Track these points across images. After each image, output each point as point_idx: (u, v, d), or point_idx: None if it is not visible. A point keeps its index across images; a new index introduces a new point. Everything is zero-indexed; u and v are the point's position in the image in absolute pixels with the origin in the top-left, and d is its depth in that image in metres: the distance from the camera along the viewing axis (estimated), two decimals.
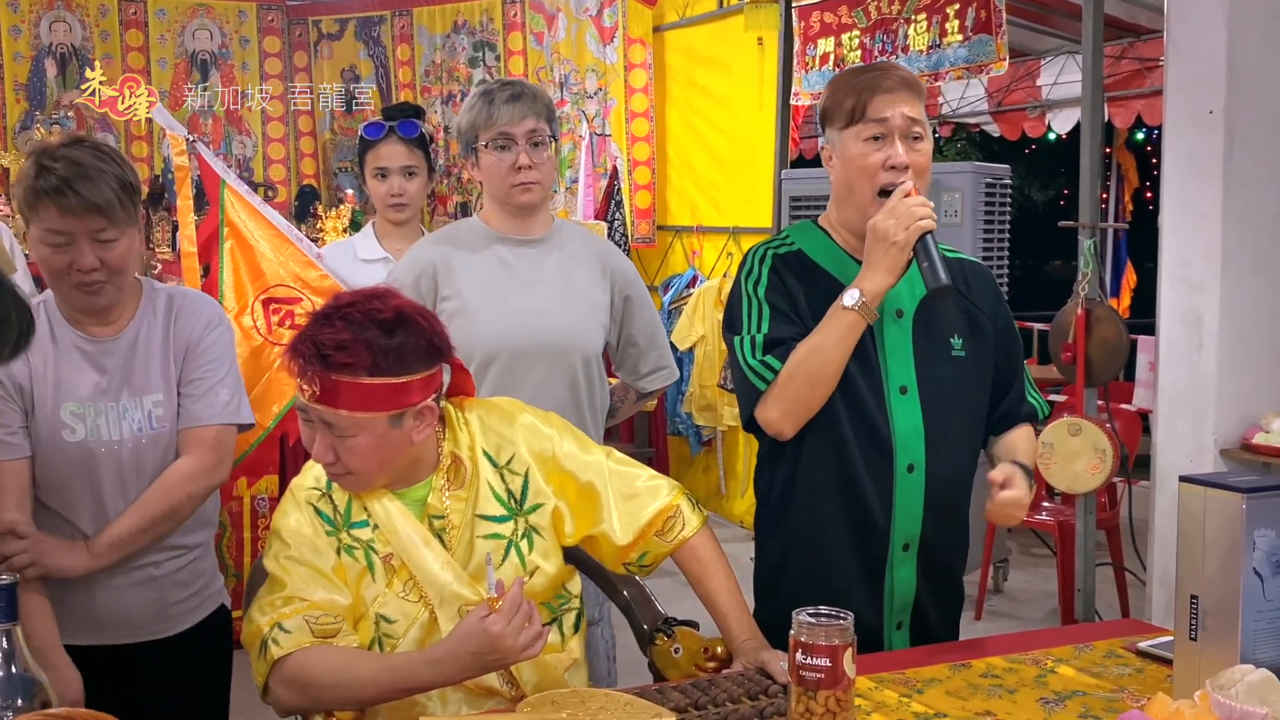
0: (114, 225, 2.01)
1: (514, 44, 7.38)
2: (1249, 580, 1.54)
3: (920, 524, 2.07)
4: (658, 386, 2.73)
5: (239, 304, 3.08)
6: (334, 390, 1.72)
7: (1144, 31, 6.26)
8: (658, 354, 2.69)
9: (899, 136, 2.00)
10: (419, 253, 2.62)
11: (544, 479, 1.91)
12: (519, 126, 2.45)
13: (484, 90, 2.52)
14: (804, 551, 2.10)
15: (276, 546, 1.84)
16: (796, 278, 2.07)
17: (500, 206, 2.55)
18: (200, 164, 3.32)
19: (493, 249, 2.53)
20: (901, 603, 2.11)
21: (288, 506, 1.87)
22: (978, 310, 2.15)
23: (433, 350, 1.80)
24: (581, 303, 2.54)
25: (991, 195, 5.05)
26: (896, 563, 2.08)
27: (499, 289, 2.50)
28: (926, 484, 2.06)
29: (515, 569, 1.86)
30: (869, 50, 5.24)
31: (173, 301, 2.20)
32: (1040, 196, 13.14)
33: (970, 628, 4.71)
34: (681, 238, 6.64)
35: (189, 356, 2.18)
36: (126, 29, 7.61)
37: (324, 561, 1.82)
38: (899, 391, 2.04)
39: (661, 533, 1.94)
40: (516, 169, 2.46)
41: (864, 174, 2.01)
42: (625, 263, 2.67)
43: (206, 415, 2.17)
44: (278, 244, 3.17)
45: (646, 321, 2.66)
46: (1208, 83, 3.70)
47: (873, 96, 2.00)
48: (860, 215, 2.03)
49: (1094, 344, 4.26)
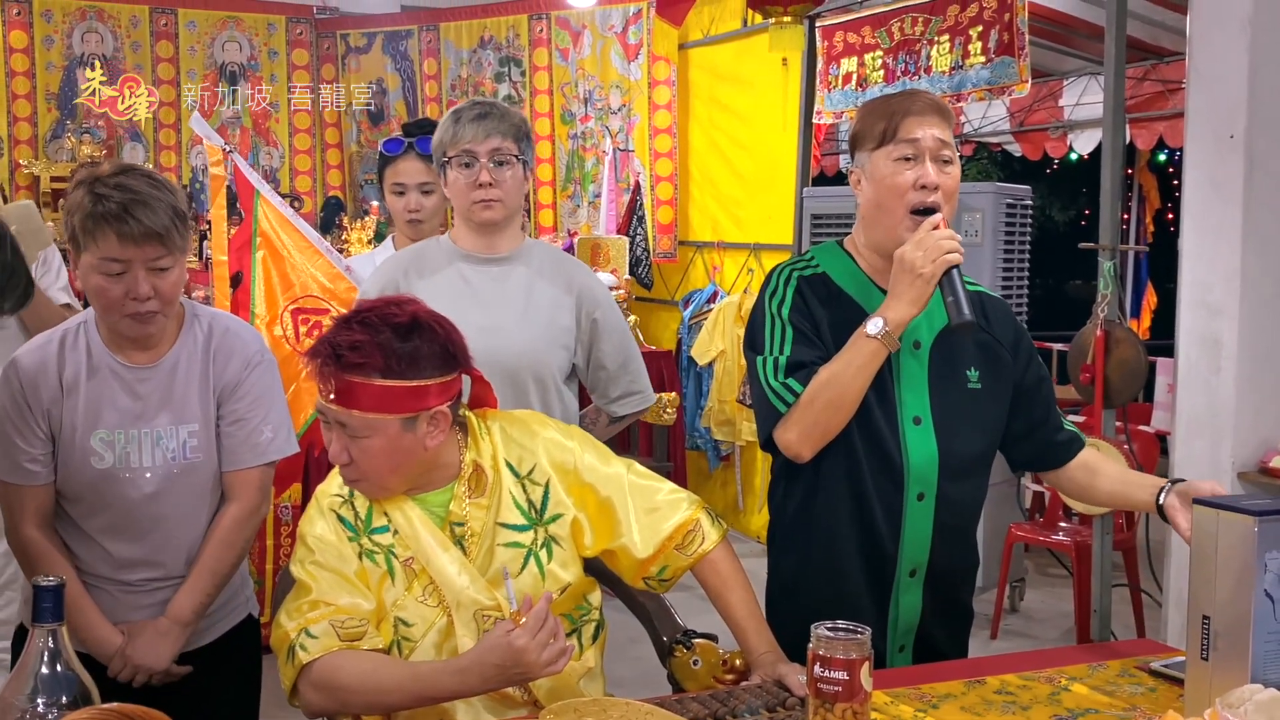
0: (170, 253, 2.03)
1: (539, 60, 7.45)
2: (1260, 602, 1.57)
3: (928, 551, 2.09)
4: (629, 411, 2.71)
5: (270, 313, 3.13)
6: (348, 390, 1.77)
7: (1167, 54, 6.27)
8: (630, 379, 2.67)
9: (929, 158, 2.02)
10: (385, 269, 2.67)
11: (565, 490, 1.95)
12: (482, 145, 2.49)
13: (455, 110, 2.58)
14: (816, 569, 2.13)
15: (302, 552, 1.88)
16: (820, 301, 2.09)
17: (465, 224, 2.58)
18: (236, 175, 3.37)
19: (455, 266, 2.57)
20: (905, 626, 2.13)
21: (313, 513, 1.92)
22: (996, 343, 2.16)
23: (448, 357, 1.84)
24: (541, 322, 2.54)
25: (1012, 216, 5.08)
26: (903, 588, 2.10)
27: (456, 305, 2.46)
28: (936, 512, 2.08)
29: (534, 578, 1.90)
30: (892, 71, 5.27)
31: (213, 333, 2.20)
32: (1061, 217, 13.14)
33: (985, 646, 4.73)
34: (703, 253, 6.68)
35: (230, 397, 2.19)
36: (157, 40, 7.70)
37: (348, 566, 1.86)
38: (913, 422, 2.06)
39: (681, 546, 1.97)
40: (477, 185, 2.50)
41: (894, 193, 2.03)
42: (596, 284, 2.67)
43: (251, 457, 2.20)
44: (308, 255, 3.22)
45: (617, 345, 2.64)
46: (1229, 107, 3.71)
47: (904, 118, 2.03)
48: (889, 236, 2.05)
49: (1112, 365, 4.27)
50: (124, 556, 2.15)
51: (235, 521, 2.20)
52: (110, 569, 2.16)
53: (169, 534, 2.17)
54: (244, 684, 2.32)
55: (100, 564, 2.16)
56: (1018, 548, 4.99)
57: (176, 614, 2.15)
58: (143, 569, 2.17)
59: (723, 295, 6.32)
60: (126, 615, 2.16)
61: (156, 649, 2.11)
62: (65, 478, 2.12)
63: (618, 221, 6.68)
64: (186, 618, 2.15)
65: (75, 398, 2.11)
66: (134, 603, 2.17)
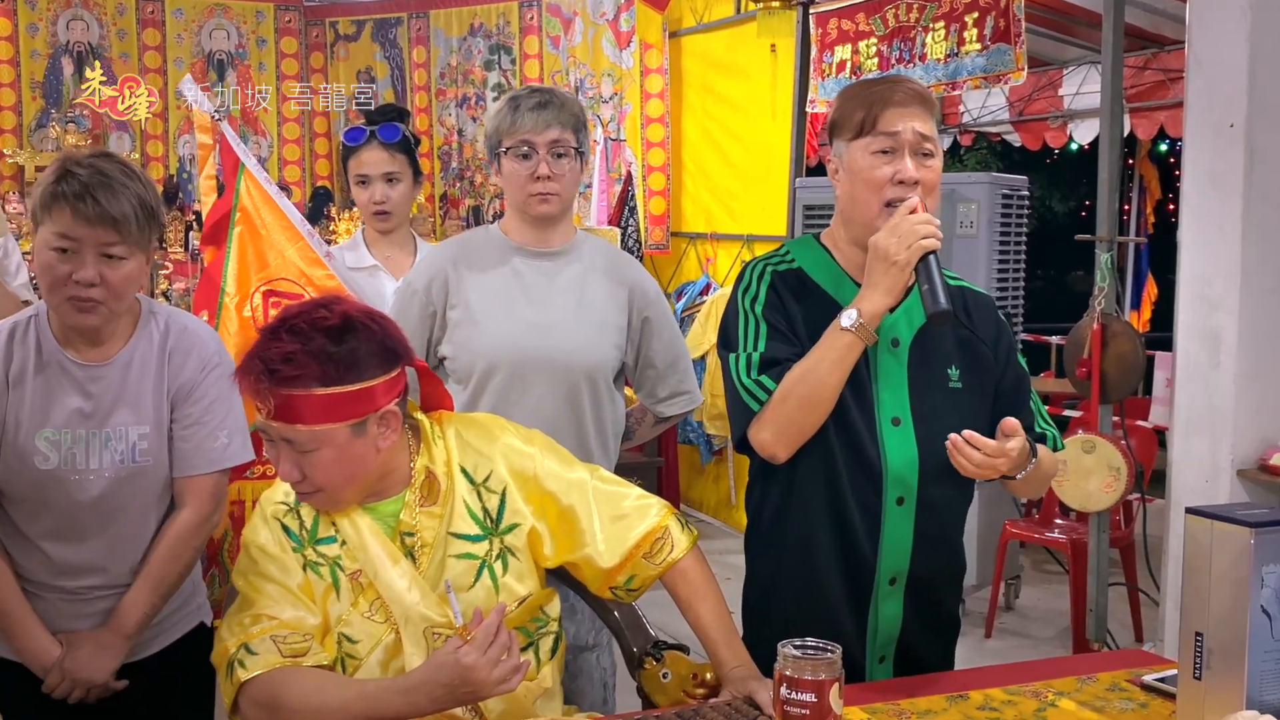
0: (124, 242, 1.94)
1: (530, 48, 7.35)
2: (1256, 618, 1.48)
3: (909, 558, 2.00)
4: (677, 412, 2.63)
5: (240, 292, 2.98)
6: (288, 406, 1.67)
7: (1168, 42, 6.17)
8: (678, 378, 2.59)
9: (909, 152, 1.93)
10: (434, 257, 2.56)
11: (523, 499, 1.85)
12: (542, 135, 2.38)
13: (512, 96, 2.46)
14: (794, 576, 2.04)
15: (245, 562, 1.79)
16: (795, 297, 2.00)
17: (519, 216, 2.48)
18: (222, 144, 3.21)
19: (507, 260, 2.47)
20: (885, 637, 2.04)
21: (256, 521, 1.82)
22: (978, 340, 2.07)
23: (387, 353, 1.74)
24: (593, 320, 2.46)
25: (1008, 206, 4.97)
26: (882, 596, 2.01)
27: (507, 300, 2.43)
28: (917, 517, 1.99)
29: (487, 591, 1.80)
30: (886, 58, 5.18)
31: (169, 332, 2.10)
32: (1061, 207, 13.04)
33: (980, 645, 4.65)
34: (696, 245, 6.59)
35: (185, 399, 2.09)
36: (144, 28, 7.61)
37: (292, 579, 1.77)
38: (891, 423, 1.97)
39: (650, 555, 1.88)
40: (535, 179, 2.39)
41: (870, 187, 1.95)
42: (648, 281, 2.58)
43: (204, 463, 2.11)
44: (288, 236, 3.05)
45: (667, 344, 2.56)
46: (1229, 96, 3.63)
47: (884, 109, 1.94)
48: (865, 230, 1.97)
49: (1110, 360, 4.19)
50: (66, 562, 2.06)
51: (185, 530, 2.10)
52: (51, 575, 2.06)
53: (115, 540, 2.08)
54: (195, 696, 2.23)
55: (40, 570, 2.06)
56: (1012, 545, 4.90)
57: (119, 625, 2.05)
58: (86, 576, 2.07)
59: (716, 287, 6.23)
60: (68, 625, 2.06)
61: (97, 662, 2.02)
62: (7, 478, 2.03)
63: (609, 212, 6.58)
64: (130, 630, 2.06)
65: (21, 393, 2.01)
66: (76, 611, 2.07)
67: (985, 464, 1.83)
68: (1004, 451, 1.83)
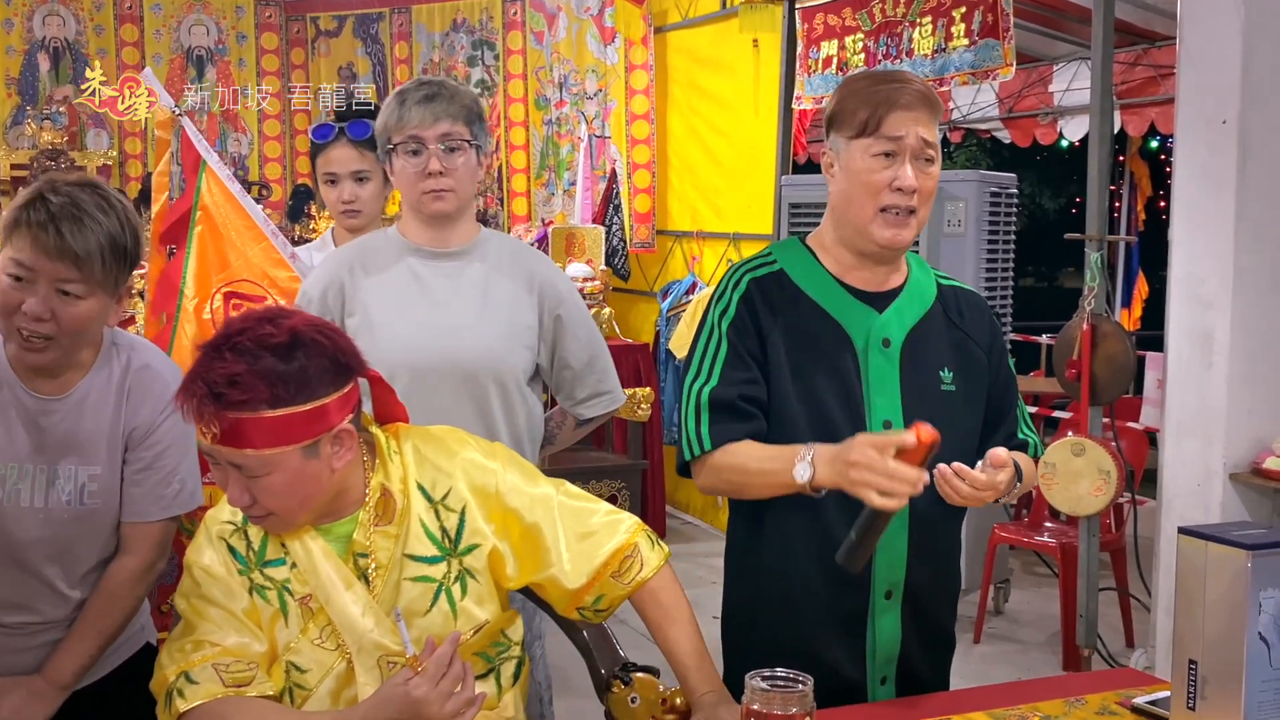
0: (85, 281, 1.81)
1: (513, 43, 7.25)
2: (1253, 646, 1.39)
3: (904, 569, 1.92)
4: (598, 413, 2.53)
5: (200, 295, 2.87)
6: (235, 430, 1.56)
7: (1158, 38, 6.10)
8: (597, 378, 2.49)
9: (910, 157, 1.86)
10: (329, 263, 2.45)
11: (484, 517, 1.76)
12: (431, 129, 2.28)
13: (399, 90, 2.36)
14: (775, 598, 1.95)
15: (188, 585, 1.70)
16: (772, 306, 1.92)
17: (414, 215, 2.38)
18: (183, 139, 3.08)
19: (404, 261, 2.36)
20: (885, 656, 1.95)
21: (201, 541, 1.72)
22: (970, 341, 2.00)
23: (339, 368, 1.64)
24: (500, 321, 2.35)
25: (996, 205, 4.89)
26: (879, 611, 1.92)
27: (405, 304, 2.32)
28: (911, 525, 1.90)
29: (444, 616, 1.71)
30: (873, 54, 5.09)
31: (129, 368, 1.99)
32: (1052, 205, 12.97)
33: (969, 651, 4.56)
34: (681, 243, 6.50)
35: (139, 443, 1.98)
36: (121, 24, 7.49)
37: (237, 603, 1.68)
38: (883, 427, 1.89)
39: (618, 574, 1.79)
40: (426, 175, 2.29)
41: (867, 190, 1.87)
42: (558, 277, 2.49)
43: (155, 510, 1.99)
44: (250, 236, 2.93)
45: (583, 343, 2.46)
46: (1221, 92, 3.55)
47: (889, 111, 1.85)
48: (857, 232, 1.90)
49: (1099, 361, 4.11)
50: (5, 599, 1.94)
51: (128, 577, 1.99)
52: None
53: (51, 582, 1.96)
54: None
55: None
56: (1002, 548, 4.82)
57: (54, 676, 1.94)
58: (18, 613, 1.96)
59: (702, 286, 6.15)
60: (8, 660, 1.96)
61: (28, 710, 1.90)
62: None
63: (593, 210, 6.50)
64: (65, 680, 1.95)
65: None
66: (12, 645, 1.97)
67: (972, 496, 1.77)
68: (992, 484, 1.77)
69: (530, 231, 6.69)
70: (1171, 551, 3.81)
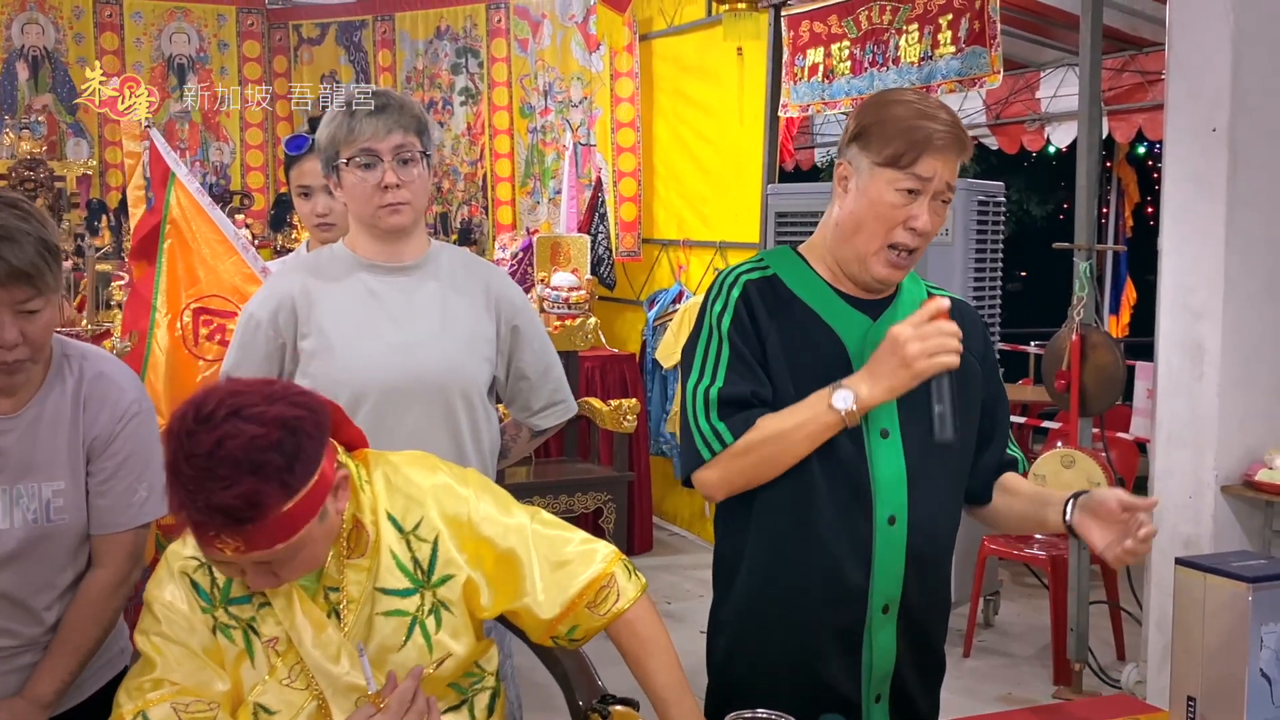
0: (40, 294, 1.78)
1: (498, 51, 7.19)
2: (1255, 683, 1.33)
3: (901, 583, 1.86)
4: (553, 423, 2.50)
5: (170, 310, 2.81)
6: (260, 535, 1.47)
7: (1146, 44, 6.07)
8: (552, 388, 2.46)
9: (930, 195, 1.82)
10: (277, 283, 2.37)
11: (457, 546, 1.69)
12: (384, 141, 2.21)
13: (346, 100, 2.29)
14: (768, 611, 1.89)
15: (148, 621, 1.62)
16: (769, 309, 1.87)
17: (366, 231, 2.31)
18: (152, 152, 3.03)
19: (358, 278, 2.29)
20: (881, 673, 1.90)
21: (162, 575, 1.65)
22: (967, 353, 1.95)
23: (322, 426, 1.56)
24: (461, 334, 2.31)
25: (984, 213, 4.84)
26: (876, 627, 1.87)
27: (366, 322, 2.26)
28: (909, 537, 1.85)
29: (419, 651, 1.64)
30: (859, 61, 5.05)
31: (84, 378, 1.94)
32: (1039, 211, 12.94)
33: (958, 665, 4.51)
34: (667, 252, 6.44)
35: (101, 453, 1.93)
36: (101, 32, 7.41)
37: (198, 640, 1.61)
38: (880, 435, 1.84)
39: (593, 605, 1.73)
40: (383, 189, 2.23)
41: (883, 223, 1.83)
42: (512, 289, 2.45)
43: (124, 520, 1.95)
44: (220, 251, 2.88)
45: (538, 353, 2.43)
46: (1211, 99, 3.51)
47: (925, 152, 1.81)
48: (856, 257, 1.86)
49: (1089, 372, 4.06)
50: None
51: (103, 591, 1.95)
52: None
53: (24, 603, 1.91)
54: None
55: None
56: (991, 560, 4.77)
57: (35, 695, 1.90)
58: None
59: (688, 295, 6.09)
60: None
61: None
62: None
63: (579, 219, 6.44)
64: (47, 699, 1.90)
65: None
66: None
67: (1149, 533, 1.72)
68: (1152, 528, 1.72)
69: (515, 240, 6.62)
70: (1163, 565, 3.77)
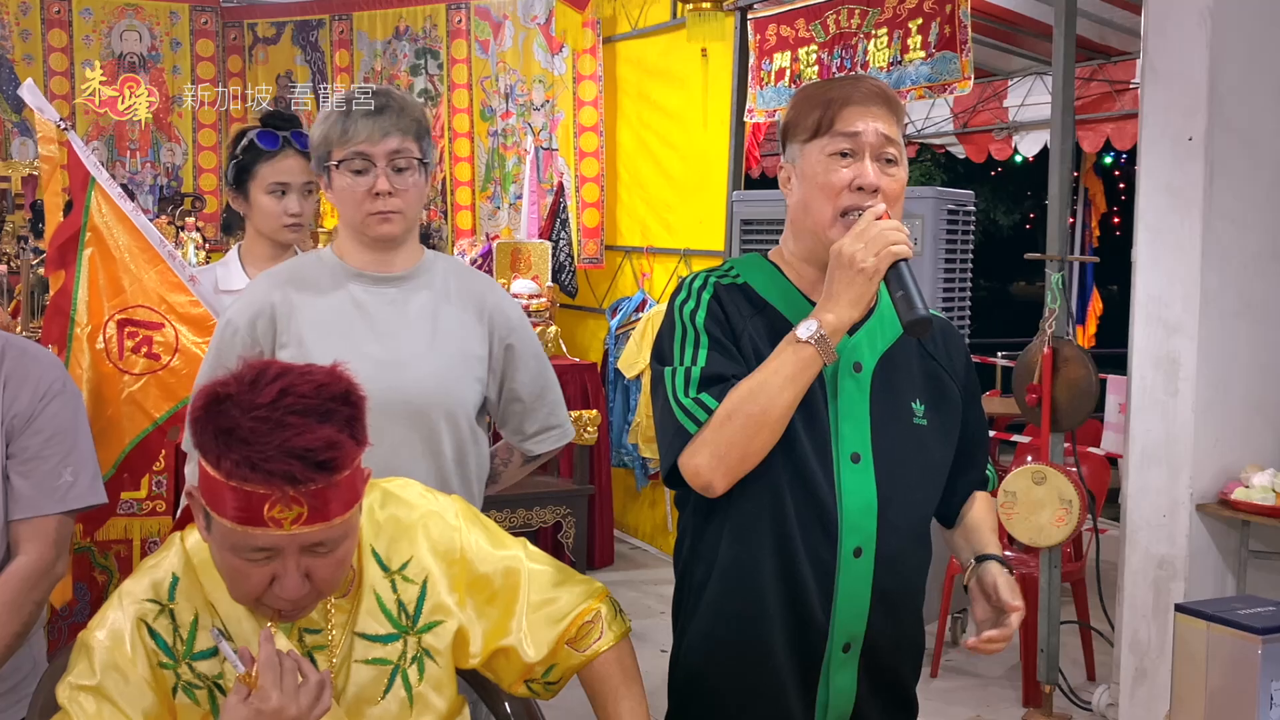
0: None
1: (458, 52, 7.03)
2: None
3: (865, 621, 1.74)
4: (547, 449, 2.35)
5: (93, 323, 2.64)
6: (330, 496, 1.33)
7: (1115, 53, 6.02)
8: (547, 411, 2.32)
9: (870, 155, 1.70)
10: (257, 289, 2.23)
11: (448, 587, 1.54)
12: (379, 145, 2.08)
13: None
14: (732, 641, 1.77)
15: (80, 669, 1.43)
16: (740, 312, 1.75)
17: (355, 238, 2.17)
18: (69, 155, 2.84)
19: (344, 288, 2.16)
20: (838, 713, 1.78)
21: (110, 616, 1.45)
22: (944, 373, 1.84)
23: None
24: (451, 352, 2.16)
25: (954, 222, 4.75)
26: (834, 666, 1.75)
27: (349, 335, 2.12)
28: (876, 572, 1.73)
29: (400, 704, 1.49)
30: (827, 66, 4.94)
31: (4, 358, 1.85)
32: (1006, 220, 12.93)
33: (925, 685, 4.39)
34: (631, 259, 6.31)
35: (21, 432, 1.84)
36: (49, 29, 7.19)
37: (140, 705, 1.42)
38: (850, 459, 1.72)
39: (575, 641, 1.60)
40: (374, 195, 2.09)
41: (825, 193, 1.70)
42: (509, 304, 2.31)
43: (47, 504, 1.85)
44: (144, 259, 2.70)
45: (534, 374, 2.28)
46: (1187, 108, 3.42)
47: (843, 107, 1.70)
48: (817, 243, 1.73)
49: (1061, 386, 3.96)
50: None
51: (23, 581, 1.82)
52: None
53: None
54: None
55: None
56: (959, 578, 4.66)
57: None
58: None
59: (652, 303, 5.97)
60: None
61: None
62: None
63: (540, 225, 6.29)
64: None
65: None
66: None
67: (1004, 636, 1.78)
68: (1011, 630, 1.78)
69: (475, 246, 6.47)
70: (1135, 584, 3.67)
